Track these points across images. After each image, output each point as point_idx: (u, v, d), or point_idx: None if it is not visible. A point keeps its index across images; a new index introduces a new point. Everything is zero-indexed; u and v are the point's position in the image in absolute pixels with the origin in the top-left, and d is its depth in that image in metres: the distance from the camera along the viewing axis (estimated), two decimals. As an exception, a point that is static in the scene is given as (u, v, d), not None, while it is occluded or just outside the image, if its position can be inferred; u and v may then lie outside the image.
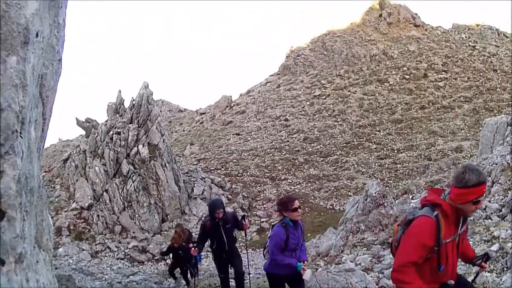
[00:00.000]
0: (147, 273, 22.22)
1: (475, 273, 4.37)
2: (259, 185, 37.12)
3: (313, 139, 47.35)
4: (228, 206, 29.97)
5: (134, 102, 33.70)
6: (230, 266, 8.99)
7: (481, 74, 60.26)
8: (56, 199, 30.21)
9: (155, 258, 25.88)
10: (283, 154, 43.64)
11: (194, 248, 8.88)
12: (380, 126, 49.32)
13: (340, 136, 47.86)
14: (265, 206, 33.58)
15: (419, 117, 50.02)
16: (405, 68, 63.49)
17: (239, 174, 39.29)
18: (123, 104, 35.08)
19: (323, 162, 41.78)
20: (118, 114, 34.02)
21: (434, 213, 3.59)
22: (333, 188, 36.11)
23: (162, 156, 31.30)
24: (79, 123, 37.30)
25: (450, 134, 44.23)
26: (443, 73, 61.38)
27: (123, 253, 26.59)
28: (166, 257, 15.17)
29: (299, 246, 6.13)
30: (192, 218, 30.37)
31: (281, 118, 55.10)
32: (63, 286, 11.02)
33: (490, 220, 11.67)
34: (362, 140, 46.19)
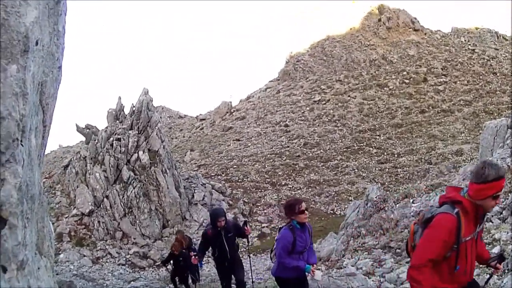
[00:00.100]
0: (149, 279, 22.22)
1: (489, 274, 4.29)
2: (260, 190, 37.08)
3: (313, 144, 47.33)
4: (229, 212, 29.96)
5: (134, 109, 33.74)
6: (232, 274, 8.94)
7: (480, 77, 60.28)
8: (56, 206, 30.19)
9: (156, 264, 25.84)
10: (284, 159, 43.61)
11: (194, 256, 8.90)
12: (380, 131, 49.30)
13: (340, 141, 47.85)
14: (265, 211, 33.56)
15: (419, 121, 50.01)
16: (404, 72, 63.51)
17: (240, 180, 39.26)
18: (123, 110, 35.13)
19: (324, 167, 41.77)
20: (118, 121, 34.06)
21: (455, 210, 3.57)
22: (333, 193, 36.11)
23: (163, 162, 31.31)
24: (79, 130, 37.29)
25: (450, 137, 44.22)
26: (443, 77, 61.38)
27: (124, 259, 26.55)
28: (167, 264, 15.16)
29: (307, 249, 6.07)
30: (193, 224, 30.35)
31: (281, 123, 55.07)
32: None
33: (491, 222, 11.66)
34: (362, 144, 46.19)
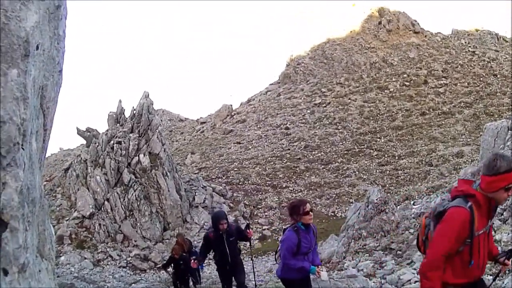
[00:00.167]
0: (149, 281, 22.25)
1: (497, 271, 4.22)
2: (261, 193, 37.08)
3: (314, 147, 47.32)
4: (229, 214, 29.94)
5: (135, 112, 33.79)
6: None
7: (481, 79, 60.25)
8: (57, 208, 30.22)
9: (157, 266, 25.84)
10: (284, 162, 43.62)
11: (193, 260, 8.87)
12: (380, 133, 49.28)
13: (341, 143, 47.84)
14: (266, 214, 33.57)
15: (420, 123, 49.99)
16: (405, 75, 63.49)
17: (240, 183, 39.25)
18: (124, 113, 35.16)
19: (324, 169, 41.76)
20: (118, 124, 34.10)
21: (468, 204, 3.50)
22: (334, 195, 36.10)
23: (163, 165, 31.33)
24: (80, 133, 37.37)
25: (451, 139, 44.18)
26: (443, 79, 61.35)
27: (125, 261, 26.56)
28: (168, 268, 15.14)
29: (312, 250, 6.04)
30: (193, 227, 30.36)
31: (281, 126, 55.07)
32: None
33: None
34: (363, 147, 46.17)
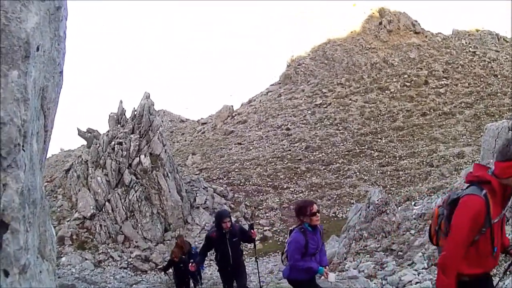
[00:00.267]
0: (150, 282, 22.26)
1: (509, 264, 4.11)
2: (262, 194, 37.04)
3: (315, 148, 47.27)
4: (230, 215, 29.90)
5: (136, 113, 33.78)
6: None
7: (481, 79, 60.18)
8: (58, 209, 30.21)
9: (158, 267, 25.83)
10: (285, 163, 43.58)
11: (191, 264, 8.80)
12: (381, 134, 49.24)
13: (341, 144, 47.78)
14: (267, 214, 33.54)
15: (421, 124, 49.93)
16: (405, 75, 63.43)
17: (241, 183, 39.22)
18: (125, 114, 35.16)
19: (325, 170, 41.72)
20: (119, 125, 34.09)
21: (483, 192, 3.40)
22: (335, 196, 36.05)
23: (164, 166, 31.33)
24: (81, 134, 37.37)
25: (452, 140, 44.13)
26: (444, 79, 61.28)
27: (126, 262, 26.54)
28: (168, 272, 15.16)
29: (319, 250, 6.01)
30: (195, 228, 30.36)
31: (282, 127, 55.00)
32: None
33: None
34: (364, 148, 46.13)
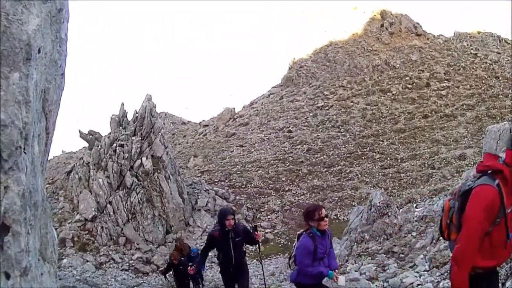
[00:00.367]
0: (152, 284, 22.24)
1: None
2: (263, 196, 37.01)
3: (316, 150, 47.23)
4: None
5: (137, 115, 33.77)
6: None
7: (483, 81, 60.12)
8: (59, 211, 30.20)
9: (160, 269, 25.82)
10: (287, 165, 43.54)
11: (190, 267, 8.74)
12: (383, 136, 49.19)
13: (343, 146, 47.75)
14: (269, 217, 33.50)
15: (422, 126, 49.88)
16: (407, 77, 63.38)
17: (243, 186, 39.19)
18: (126, 116, 35.15)
19: (327, 172, 41.69)
20: (121, 127, 34.08)
21: (495, 181, 3.34)
22: (337, 198, 36.00)
23: (166, 168, 31.32)
24: (82, 136, 37.36)
25: (453, 142, 44.07)
26: (446, 81, 61.21)
27: (128, 264, 26.51)
28: (168, 275, 15.18)
29: (327, 254, 5.99)
30: (196, 230, 30.34)
31: (284, 129, 54.94)
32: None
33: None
34: (365, 150, 46.08)
